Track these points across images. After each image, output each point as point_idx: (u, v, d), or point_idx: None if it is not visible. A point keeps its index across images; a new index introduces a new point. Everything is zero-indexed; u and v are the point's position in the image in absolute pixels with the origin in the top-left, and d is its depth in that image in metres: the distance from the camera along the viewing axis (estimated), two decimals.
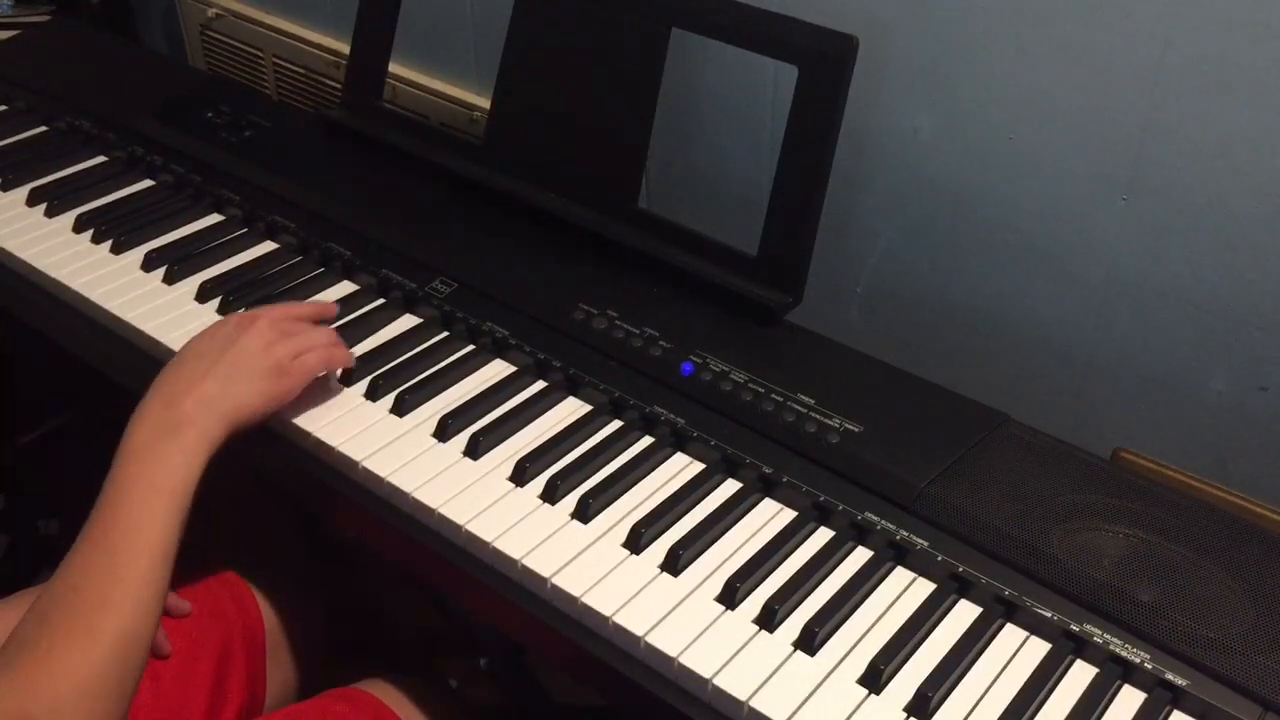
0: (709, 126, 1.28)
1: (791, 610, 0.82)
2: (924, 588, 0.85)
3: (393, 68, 1.36)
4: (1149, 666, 0.78)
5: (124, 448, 0.85)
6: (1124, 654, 0.79)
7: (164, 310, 1.08)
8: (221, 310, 1.07)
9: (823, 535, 0.88)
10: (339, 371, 1.00)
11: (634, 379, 0.99)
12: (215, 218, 1.21)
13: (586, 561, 0.85)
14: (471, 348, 1.04)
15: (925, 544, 0.86)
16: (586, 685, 0.87)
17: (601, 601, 0.82)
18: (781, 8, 1.11)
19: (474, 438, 0.93)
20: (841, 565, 0.86)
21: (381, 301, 1.10)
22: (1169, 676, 0.77)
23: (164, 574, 0.81)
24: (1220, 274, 1.02)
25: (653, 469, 0.93)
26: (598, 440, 0.95)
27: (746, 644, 0.79)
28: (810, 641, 0.79)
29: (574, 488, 0.90)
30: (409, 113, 1.49)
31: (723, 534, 0.88)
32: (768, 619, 0.81)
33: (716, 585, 0.83)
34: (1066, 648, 0.80)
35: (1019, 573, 0.84)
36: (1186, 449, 1.10)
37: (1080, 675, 0.79)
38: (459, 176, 1.20)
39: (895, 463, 0.91)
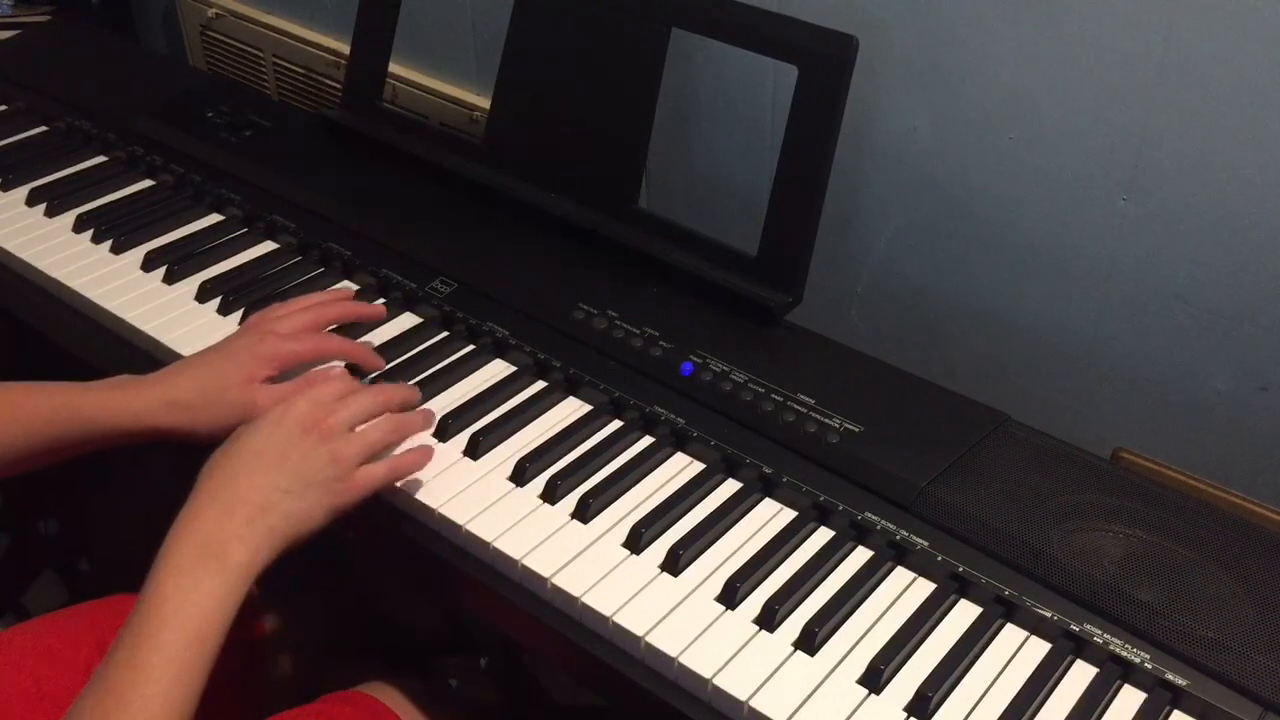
0: (709, 126, 1.28)
1: (791, 610, 0.82)
2: (924, 588, 0.85)
3: (393, 68, 1.36)
4: (1149, 666, 0.78)
5: (163, 556, 0.77)
6: (1124, 654, 0.78)
7: (164, 310, 1.08)
8: (222, 310, 1.07)
9: (823, 535, 0.88)
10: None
11: (634, 379, 0.99)
12: (215, 218, 1.21)
13: (586, 561, 0.85)
14: (471, 348, 1.04)
15: (925, 544, 0.86)
16: (586, 685, 0.87)
17: (601, 601, 0.82)
18: (781, 8, 1.11)
19: (474, 438, 0.93)
20: (841, 565, 0.86)
21: (381, 301, 1.10)
22: (1169, 676, 0.77)
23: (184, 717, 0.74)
24: (1220, 274, 1.02)
25: (653, 469, 0.93)
26: (598, 440, 0.95)
27: (746, 644, 0.79)
28: (810, 641, 0.79)
29: (574, 488, 0.90)
30: (409, 113, 1.49)
31: (723, 534, 0.88)
32: (768, 619, 0.81)
33: (716, 585, 0.83)
34: (1066, 648, 0.80)
35: (1019, 573, 0.84)
36: (1186, 449, 1.10)
37: (1080, 675, 0.79)
38: (459, 176, 1.20)
39: (895, 463, 0.91)
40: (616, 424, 0.97)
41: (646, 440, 0.95)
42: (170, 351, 1.03)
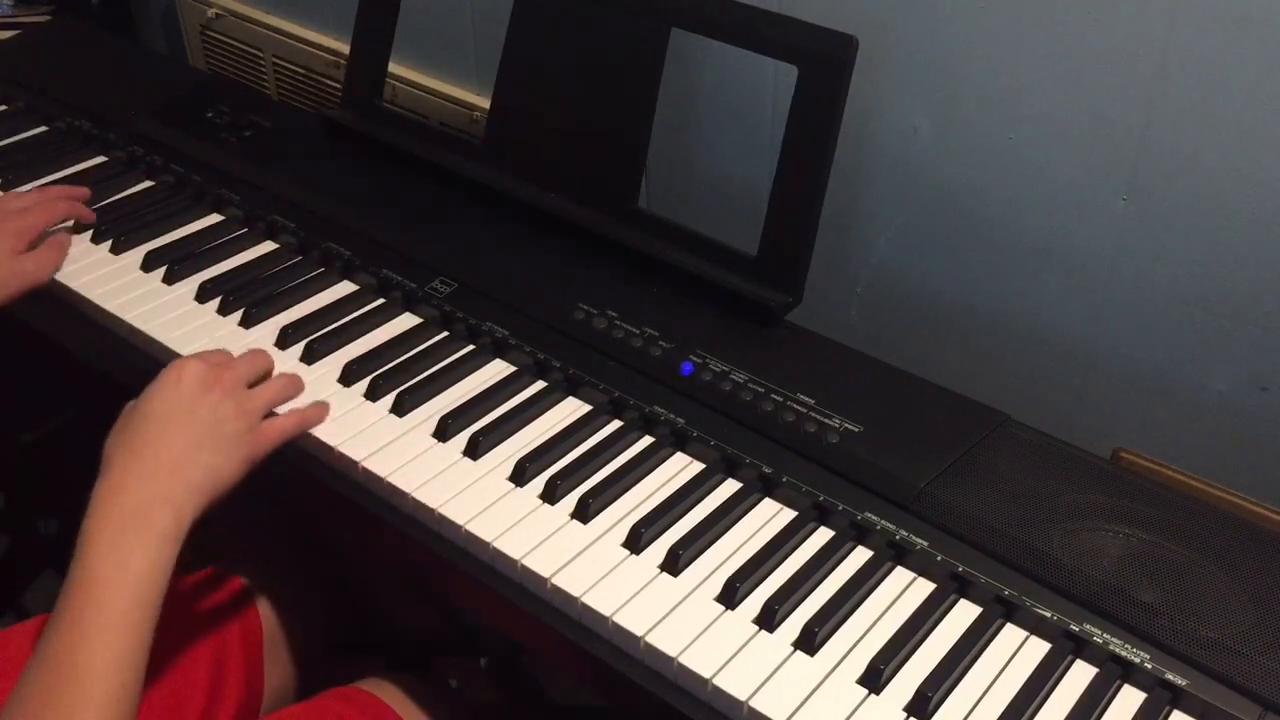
0: (709, 126, 1.28)
1: (791, 610, 0.82)
2: (924, 588, 0.85)
3: (393, 68, 1.36)
4: (1149, 666, 0.78)
5: (89, 532, 0.77)
6: (1124, 654, 0.79)
7: (164, 310, 1.08)
8: (221, 310, 1.07)
9: (823, 535, 0.88)
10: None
11: (634, 379, 0.99)
12: (215, 218, 1.21)
13: (586, 561, 0.85)
14: (471, 348, 1.04)
15: (925, 544, 0.86)
16: (586, 685, 0.87)
17: (601, 601, 0.82)
18: (781, 8, 1.11)
19: (474, 438, 0.93)
20: (841, 565, 0.86)
21: (381, 301, 1.09)
22: (1169, 676, 0.77)
23: (132, 693, 0.73)
24: (1220, 274, 1.02)
25: (653, 469, 0.93)
26: (598, 440, 0.95)
27: (746, 644, 0.79)
28: (810, 641, 0.79)
29: (574, 488, 0.90)
30: (409, 113, 1.49)
31: (723, 534, 0.88)
32: (768, 619, 0.81)
33: (716, 585, 0.83)
34: (1066, 648, 0.80)
35: (1019, 573, 0.84)
36: (1186, 449, 1.10)
37: (1080, 675, 0.79)
38: (459, 176, 1.20)
39: (895, 463, 0.91)
40: (616, 424, 0.97)
41: (646, 440, 0.95)
42: (170, 352, 1.03)
